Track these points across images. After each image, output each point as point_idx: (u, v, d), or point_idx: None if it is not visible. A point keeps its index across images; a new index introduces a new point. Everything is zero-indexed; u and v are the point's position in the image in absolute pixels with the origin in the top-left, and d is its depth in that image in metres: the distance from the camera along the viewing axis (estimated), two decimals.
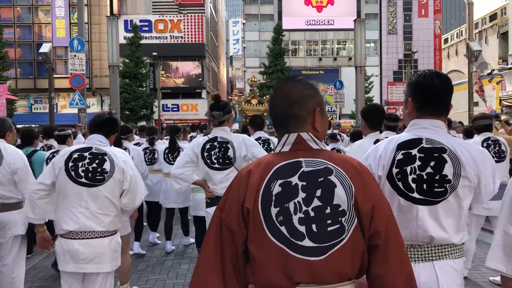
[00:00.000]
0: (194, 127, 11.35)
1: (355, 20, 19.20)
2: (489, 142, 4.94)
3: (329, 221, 1.43)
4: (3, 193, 3.72)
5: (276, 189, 1.45)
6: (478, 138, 5.08)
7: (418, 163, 1.93)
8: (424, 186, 1.91)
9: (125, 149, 5.44)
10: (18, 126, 9.41)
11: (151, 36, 41.15)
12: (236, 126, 15.90)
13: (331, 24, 46.29)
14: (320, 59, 47.26)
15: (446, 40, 48.12)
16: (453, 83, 2.13)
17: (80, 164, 2.97)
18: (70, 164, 2.97)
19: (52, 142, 6.53)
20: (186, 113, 41.67)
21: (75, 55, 12.82)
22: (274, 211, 1.44)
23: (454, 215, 1.92)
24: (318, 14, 46.35)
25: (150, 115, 35.34)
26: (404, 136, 2.03)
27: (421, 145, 1.96)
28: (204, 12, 43.95)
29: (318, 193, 1.45)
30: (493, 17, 35.83)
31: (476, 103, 26.57)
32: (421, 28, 45.14)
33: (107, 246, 2.98)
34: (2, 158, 3.70)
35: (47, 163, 5.17)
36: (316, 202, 1.44)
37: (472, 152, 1.94)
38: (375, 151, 2.06)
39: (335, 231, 1.42)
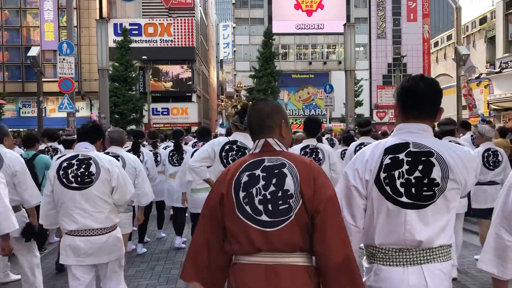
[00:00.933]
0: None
1: (345, 24, 19.29)
2: (489, 152, 5.36)
3: (280, 202, 1.85)
4: None
5: (244, 178, 1.92)
6: (480, 148, 5.41)
7: (406, 167, 1.93)
8: (413, 190, 1.91)
9: (140, 153, 6.22)
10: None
11: (140, 40, 41.01)
12: (223, 130, 16.09)
13: (321, 28, 46.51)
14: (310, 63, 47.44)
15: (435, 44, 48.56)
16: (441, 86, 2.13)
17: (69, 171, 3.31)
18: (61, 172, 3.32)
19: (56, 145, 7.01)
20: (176, 116, 41.55)
21: (64, 59, 12.71)
22: (241, 194, 1.90)
23: (442, 217, 1.93)
24: (308, 18, 46.56)
25: (140, 119, 35.16)
26: (391, 140, 2.03)
27: (408, 149, 1.95)
28: (194, 16, 43.94)
29: (274, 181, 1.88)
30: (481, 21, 36.26)
31: (464, 106, 26.86)
32: (410, 32, 45.56)
33: (105, 242, 3.33)
34: (3, 161, 3.89)
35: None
36: (271, 188, 1.87)
37: (460, 155, 1.95)
38: (362, 156, 2.05)
39: (285, 209, 1.83)
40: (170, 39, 41.99)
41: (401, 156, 1.95)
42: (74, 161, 3.34)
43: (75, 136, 6.07)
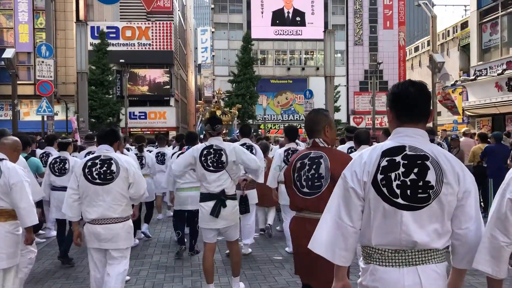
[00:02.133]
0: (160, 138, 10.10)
1: (324, 31, 19.53)
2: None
3: (315, 181, 3.07)
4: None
5: (297, 165, 3.18)
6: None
7: (402, 169, 1.99)
8: (408, 192, 1.97)
9: (141, 156, 7.59)
10: None
11: (118, 43, 40.55)
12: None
13: (299, 34, 46.90)
14: (289, 69, 47.75)
15: (410, 52, 49.52)
16: None
17: (93, 169, 3.93)
18: (86, 170, 3.94)
19: (50, 149, 7.50)
20: (154, 121, 41.17)
21: (43, 61, 12.49)
22: (295, 175, 3.16)
23: (437, 220, 1.97)
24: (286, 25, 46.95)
25: (116, 122, 34.72)
26: (388, 143, 2.09)
27: (405, 152, 2.02)
28: (172, 20, 43.71)
29: (314, 167, 3.10)
30: (454, 30, 37.20)
31: (439, 112, 27.45)
32: (386, 39, 46.35)
33: (121, 229, 3.96)
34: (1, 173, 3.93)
35: (49, 168, 6.38)
36: (312, 172, 3.10)
37: (450, 159, 2.02)
38: (359, 159, 2.11)
39: (318, 186, 3.06)
40: (148, 43, 41.68)
41: (398, 158, 2.01)
42: (97, 161, 3.97)
43: (70, 139, 6.99)
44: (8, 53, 15.03)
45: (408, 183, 1.97)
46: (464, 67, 32.06)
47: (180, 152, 6.64)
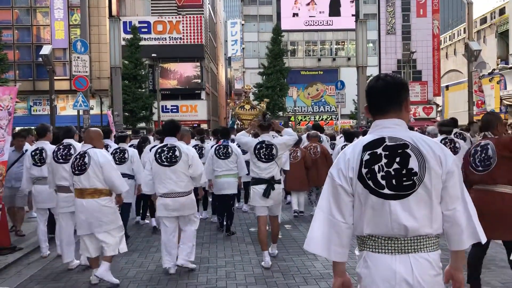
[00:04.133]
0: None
1: (356, 21, 19.27)
2: (446, 140, 6.79)
3: (486, 161, 4.10)
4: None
5: (472, 151, 4.25)
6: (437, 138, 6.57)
7: (384, 160, 2.04)
8: (393, 181, 2.02)
9: (202, 147, 8.34)
10: (17, 128, 9.82)
11: (150, 38, 41.13)
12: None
13: (329, 24, 46.34)
14: (319, 60, 47.33)
15: (445, 40, 48.21)
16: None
17: (162, 155, 5.19)
18: (157, 155, 5.21)
19: (108, 141, 7.52)
20: (185, 114, 41.66)
21: (78, 57, 12.80)
22: (471, 159, 4.26)
23: (425, 206, 2.01)
24: (317, 15, 46.45)
25: (149, 116, 35.30)
26: (368, 137, 2.14)
27: (385, 143, 2.07)
28: (202, 13, 43.98)
29: (484, 152, 4.15)
30: (492, 16, 35.96)
31: (474, 102, 26.62)
32: (419, 28, 45.16)
33: (185, 201, 5.21)
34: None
35: (114, 159, 6.57)
36: (483, 155, 4.15)
37: (429, 144, 2.07)
38: (343, 155, 2.16)
39: (488, 164, 4.06)
40: (179, 37, 42.07)
41: (379, 150, 2.06)
42: (165, 148, 5.22)
43: (128, 132, 8.51)
44: (46, 50, 15.46)
45: (392, 173, 2.02)
46: (502, 54, 31.02)
47: (216, 144, 7.66)
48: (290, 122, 37.75)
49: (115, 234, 4.98)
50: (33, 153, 6.12)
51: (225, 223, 7.38)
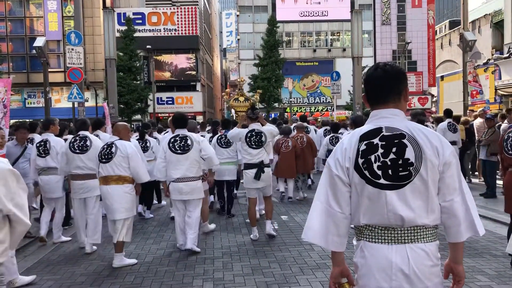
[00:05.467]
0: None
1: (351, 11, 19.21)
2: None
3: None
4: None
5: (505, 136, 4.77)
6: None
7: (381, 150, 2.04)
8: (390, 171, 2.02)
9: (146, 141, 8.50)
10: (12, 120, 9.85)
11: (144, 29, 40.88)
12: None
13: (325, 15, 46.19)
14: (315, 51, 47.21)
15: (440, 30, 48.17)
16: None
17: (175, 144, 5.76)
18: (170, 145, 5.76)
19: (99, 133, 7.77)
20: (181, 106, 41.55)
21: (72, 49, 12.70)
22: (504, 144, 4.85)
23: (421, 196, 2.01)
24: (312, 5, 46.24)
25: (145, 108, 35.18)
26: (366, 127, 2.14)
27: (382, 133, 2.07)
28: (197, 4, 43.68)
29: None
30: (487, 7, 35.96)
31: (469, 93, 26.65)
32: (414, 18, 45.15)
33: (195, 185, 5.81)
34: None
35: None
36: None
37: (427, 134, 2.05)
38: (341, 145, 2.17)
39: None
40: (174, 28, 41.84)
41: (376, 141, 2.07)
42: (177, 138, 5.80)
43: (149, 124, 9.36)
44: (39, 42, 15.31)
45: (389, 163, 2.02)
46: (497, 45, 31.01)
47: (218, 134, 8.19)
48: (286, 113, 37.74)
49: (128, 223, 5.43)
50: (38, 145, 6.47)
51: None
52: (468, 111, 17.24)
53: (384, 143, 2.05)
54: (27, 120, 13.36)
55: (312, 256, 5.56)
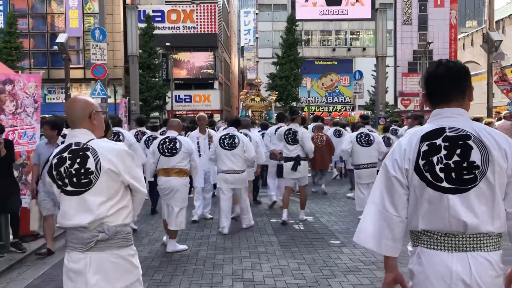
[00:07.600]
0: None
1: (376, 10, 18.96)
2: (362, 134, 7.81)
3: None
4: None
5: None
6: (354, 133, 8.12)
7: (443, 152, 1.93)
8: (453, 174, 1.90)
9: (246, 134, 8.77)
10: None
11: (163, 27, 41.03)
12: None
13: (345, 14, 45.79)
14: (334, 50, 46.83)
15: (462, 31, 47.41)
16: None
17: (225, 141, 6.73)
18: (220, 141, 6.77)
19: (143, 129, 9.20)
20: (198, 103, 41.63)
21: (96, 45, 12.74)
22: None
23: (487, 201, 1.89)
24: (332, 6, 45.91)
25: (163, 105, 35.30)
26: (427, 127, 2.03)
27: (445, 134, 1.96)
28: (216, 2, 43.69)
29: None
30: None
31: (493, 94, 26.13)
32: (436, 18, 44.48)
33: (240, 176, 6.75)
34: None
35: (145, 145, 8.32)
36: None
37: (494, 136, 1.93)
38: (399, 146, 2.06)
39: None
40: (193, 26, 41.91)
41: (438, 141, 1.95)
42: (227, 136, 6.75)
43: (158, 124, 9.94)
44: (62, 38, 15.42)
45: (452, 165, 1.91)
46: None
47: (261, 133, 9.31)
48: (304, 113, 37.53)
49: (183, 212, 5.95)
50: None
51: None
52: (494, 112, 16.87)
53: (447, 144, 1.93)
54: (47, 116, 13.45)
55: (342, 259, 5.42)
